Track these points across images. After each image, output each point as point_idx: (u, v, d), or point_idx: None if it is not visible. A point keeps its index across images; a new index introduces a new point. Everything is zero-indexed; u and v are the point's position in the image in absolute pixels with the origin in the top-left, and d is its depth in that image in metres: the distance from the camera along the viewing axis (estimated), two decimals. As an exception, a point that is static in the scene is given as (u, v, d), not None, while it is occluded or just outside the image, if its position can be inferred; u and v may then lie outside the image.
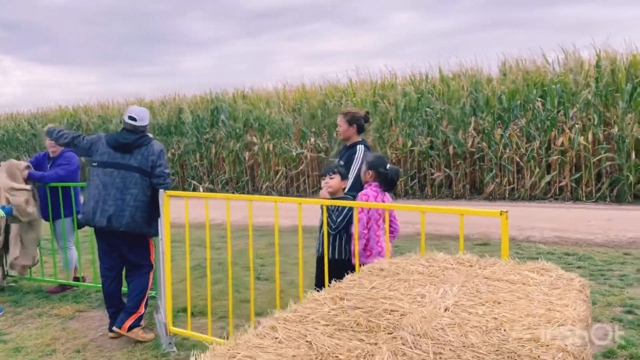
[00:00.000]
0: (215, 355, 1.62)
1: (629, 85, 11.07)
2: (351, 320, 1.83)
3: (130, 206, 4.15)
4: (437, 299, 1.97)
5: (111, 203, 4.17)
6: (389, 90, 14.18)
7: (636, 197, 11.04)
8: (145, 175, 4.22)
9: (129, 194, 4.17)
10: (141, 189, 4.19)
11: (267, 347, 1.65)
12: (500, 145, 12.09)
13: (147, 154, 4.24)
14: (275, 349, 1.64)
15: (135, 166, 4.20)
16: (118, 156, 4.24)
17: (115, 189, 4.18)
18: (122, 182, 4.18)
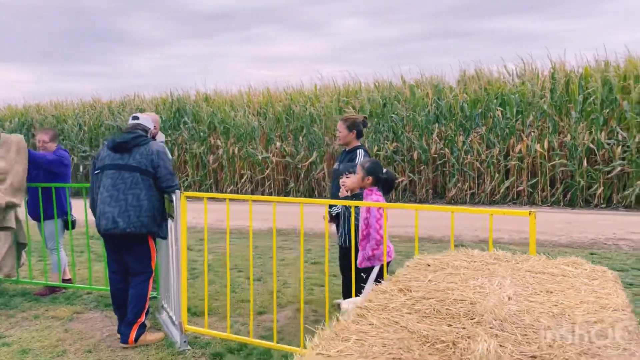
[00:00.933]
0: (325, 338, 1.78)
1: (581, 96, 11.84)
2: (430, 309, 2.03)
3: (133, 206, 4.11)
4: (497, 290, 2.20)
5: (114, 204, 4.12)
6: (353, 96, 14.50)
7: (587, 202, 11.81)
8: (146, 175, 4.15)
9: (131, 194, 4.11)
10: (143, 188, 4.13)
11: (370, 331, 1.83)
12: (462, 152, 12.63)
13: (145, 153, 4.18)
14: (377, 333, 1.81)
15: (134, 166, 4.15)
16: (117, 157, 4.20)
17: (116, 191, 4.13)
18: (123, 183, 4.13)
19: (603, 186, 11.58)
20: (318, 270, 6.54)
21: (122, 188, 4.13)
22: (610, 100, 11.64)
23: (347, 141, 4.87)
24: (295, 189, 14.37)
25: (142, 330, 4.24)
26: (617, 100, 11.52)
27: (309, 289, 5.77)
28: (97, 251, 7.74)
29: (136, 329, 4.21)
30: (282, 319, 4.87)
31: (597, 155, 11.64)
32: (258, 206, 7.60)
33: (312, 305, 5.17)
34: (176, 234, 4.18)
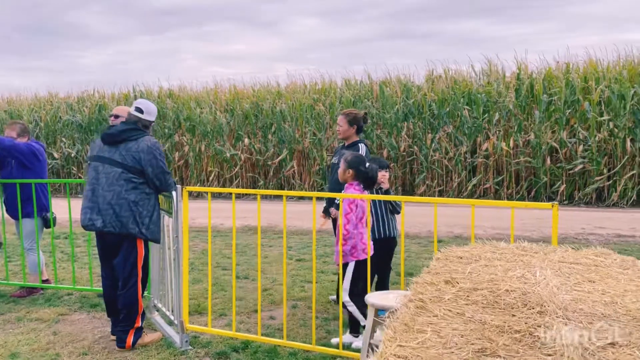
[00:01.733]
0: (397, 330, 1.75)
1: (545, 96, 12.24)
2: (486, 300, 2.03)
3: (112, 204, 3.86)
4: (542, 280, 2.23)
5: (94, 200, 3.91)
6: (323, 93, 14.52)
7: (550, 198, 12.21)
8: (130, 172, 3.89)
9: (111, 191, 3.88)
10: (125, 187, 3.87)
11: (439, 323, 1.81)
12: (430, 150, 12.83)
13: (134, 149, 3.91)
14: (447, 324, 1.80)
15: (117, 161, 3.90)
16: (105, 149, 3.98)
17: (98, 186, 3.92)
18: (105, 178, 3.91)
19: (565, 183, 12.01)
20: (304, 267, 6.50)
21: (102, 183, 3.92)
22: (572, 101, 12.08)
23: (347, 135, 4.87)
24: (265, 187, 14.24)
25: (139, 334, 4.07)
26: (579, 101, 11.97)
27: (300, 286, 5.72)
28: (67, 250, 7.44)
29: (133, 333, 4.03)
30: (280, 316, 4.80)
31: (559, 153, 12.06)
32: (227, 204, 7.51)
33: (307, 302, 5.13)
34: (177, 231, 4.05)
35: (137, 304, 4.04)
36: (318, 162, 13.72)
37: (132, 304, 4.01)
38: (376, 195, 4.43)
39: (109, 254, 4.04)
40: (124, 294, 4.01)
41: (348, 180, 4.19)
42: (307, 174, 13.97)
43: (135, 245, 3.99)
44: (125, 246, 3.97)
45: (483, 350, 1.57)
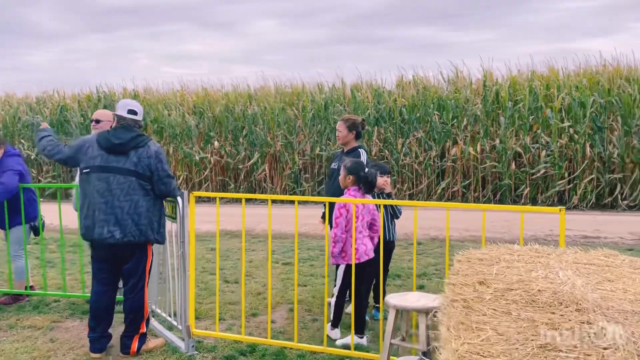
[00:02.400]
0: (456, 329, 1.87)
1: (510, 103, 12.71)
2: (523, 299, 2.18)
3: (130, 214, 3.85)
4: (567, 280, 2.40)
5: (110, 212, 3.83)
6: (295, 97, 14.60)
7: (514, 201, 12.68)
8: (143, 180, 3.89)
9: (128, 201, 3.85)
10: (141, 194, 3.88)
11: (491, 321, 1.94)
12: (401, 154, 13.11)
13: (144, 156, 3.90)
14: (499, 322, 1.93)
15: (131, 170, 3.87)
16: (112, 159, 3.88)
17: (112, 197, 3.84)
18: (119, 188, 3.85)
19: (529, 187, 12.49)
20: (293, 271, 6.55)
21: (117, 194, 3.84)
22: (536, 107, 12.59)
23: (346, 141, 4.99)
24: (235, 191, 14.20)
25: (143, 340, 4.07)
26: (542, 108, 12.49)
27: (292, 289, 5.78)
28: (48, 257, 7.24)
29: (137, 339, 4.03)
30: (279, 319, 4.87)
31: (523, 158, 12.54)
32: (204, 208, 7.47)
33: (303, 305, 5.21)
34: (183, 237, 4.06)
35: (143, 308, 4.03)
36: (290, 166, 13.78)
37: (138, 309, 4.01)
38: (379, 200, 4.57)
39: (113, 260, 3.99)
40: (131, 298, 4.01)
41: (349, 186, 4.32)
42: (279, 178, 14.01)
43: (147, 251, 4.01)
44: (138, 253, 3.97)
45: (545, 345, 1.70)
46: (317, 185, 13.74)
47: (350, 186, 4.30)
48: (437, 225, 9.19)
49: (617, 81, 12.66)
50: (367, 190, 4.35)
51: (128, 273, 4.00)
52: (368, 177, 4.32)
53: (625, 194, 11.92)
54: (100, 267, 4.05)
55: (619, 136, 11.94)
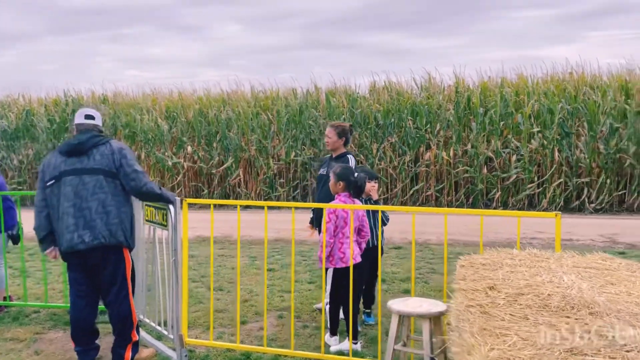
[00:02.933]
0: (479, 335, 1.90)
1: (482, 109, 12.99)
2: (535, 304, 2.23)
3: (99, 213, 3.66)
4: (573, 284, 2.47)
5: (78, 215, 3.65)
6: (269, 102, 14.56)
7: (486, 205, 12.94)
8: (110, 177, 3.72)
9: (95, 200, 3.67)
10: (108, 192, 3.70)
11: (512, 327, 1.98)
12: (375, 159, 13.22)
13: (106, 153, 3.74)
14: (519, 327, 1.97)
15: (96, 167, 3.71)
16: (75, 161, 3.73)
17: (79, 198, 3.67)
18: (85, 189, 3.68)
19: (500, 191, 12.77)
20: (277, 277, 6.54)
21: (84, 195, 3.68)
22: (506, 113, 12.89)
23: (335, 147, 5.01)
24: (210, 196, 14.05)
25: (136, 349, 3.97)
26: (513, 114, 12.80)
27: (279, 296, 5.77)
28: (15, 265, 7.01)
29: (130, 348, 3.91)
30: (269, 326, 4.83)
31: (494, 162, 12.81)
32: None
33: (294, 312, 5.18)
34: (175, 244, 3.99)
35: (131, 316, 3.91)
36: (264, 171, 13.72)
37: (126, 317, 3.88)
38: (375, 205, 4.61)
39: (89, 268, 3.81)
40: (117, 308, 3.87)
41: (339, 192, 4.34)
42: (254, 182, 13.94)
43: (123, 256, 3.83)
44: (114, 258, 3.79)
45: (571, 349, 1.75)
46: (292, 190, 13.73)
47: (341, 192, 4.32)
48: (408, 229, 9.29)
49: (583, 88, 13.09)
50: (356, 195, 4.39)
51: (107, 282, 3.82)
52: (357, 182, 4.35)
53: (592, 197, 12.31)
54: (75, 278, 3.87)
55: (586, 141, 12.33)
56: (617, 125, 12.26)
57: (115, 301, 3.85)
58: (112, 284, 3.82)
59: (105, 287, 3.85)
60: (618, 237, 9.09)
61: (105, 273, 3.80)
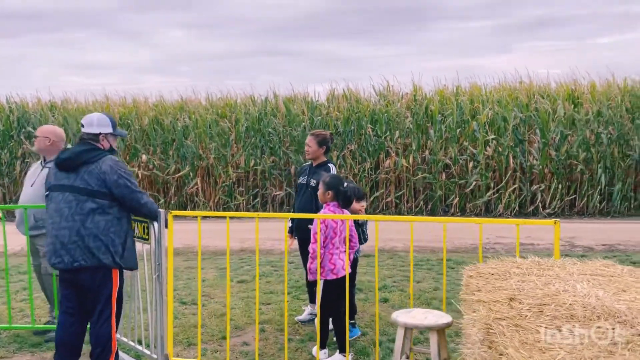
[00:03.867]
0: (523, 348, 1.87)
1: (440, 116, 13.24)
2: (562, 314, 2.22)
3: (80, 235, 3.50)
4: (588, 291, 2.48)
5: (57, 234, 3.53)
6: (228, 109, 14.33)
7: (445, 211, 13.18)
8: (97, 197, 3.55)
9: (77, 221, 3.51)
10: (92, 213, 3.53)
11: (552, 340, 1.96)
12: (336, 166, 13.19)
13: (96, 172, 3.57)
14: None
15: (80, 187, 3.55)
16: (63, 176, 3.61)
17: (60, 218, 3.53)
18: (67, 207, 3.53)
19: (458, 197, 13.04)
20: (251, 289, 6.37)
21: (65, 213, 3.53)
22: (463, 121, 13.20)
23: (316, 156, 4.94)
24: (166, 205, 13.63)
25: None
26: (469, 122, 13.12)
27: (263, 312, 5.60)
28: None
29: None
30: (252, 341, 4.68)
31: (452, 169, 13.08)
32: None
33: (274, 325, 5.05)
34: (159, 259, 3.80)
35: (110, 341, 3.67)
36: (223, 179, 13.46)
37: (106, 342, 3.64)
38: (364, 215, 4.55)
39: (78, 289, 3.63)
40: (96, 330, 3.64)
41: (328, 201, 4.27)
42: (212, 191, 13.64)
43: (111, 277, 3.63)
44: (99, 278, 3.60)
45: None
46: (252, 198, 13.53)
47: (330, 201, 4.26)
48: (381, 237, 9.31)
49: (534, 97, 13.59)
50: (344, 205, 4.33)
51: (91, 300, 3.63)
52: (347, 192, 4.30)
53: (545, 202, 12.75)
54: (65, 295, 3.70)
55: (538, 148, 12.78)
56: (567, 133, 12.79)
57: (96, 322, 3.64)
58: (95, 303, 3.62)
59: (89, 307, 3.65)
60: (575, 240, 9.43)
61: (90, 292, 3.62)
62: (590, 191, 12.73)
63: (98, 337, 3.65)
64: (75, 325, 3.69)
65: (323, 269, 4.12)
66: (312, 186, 4.84)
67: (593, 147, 12.63)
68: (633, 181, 12.73)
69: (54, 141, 4.87)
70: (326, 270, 4.12)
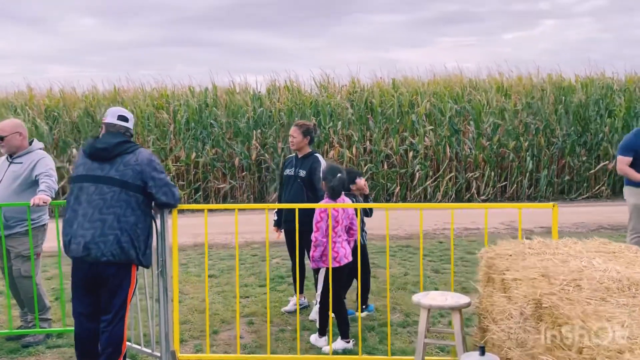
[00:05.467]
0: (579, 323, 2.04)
1: (380, 108, 13.59)
2: (598, 287, 2.43)
3: (113, 229, 3.40)
4: (606, 267, 2.72)
5: (88, 226, 3.39)
6: (164, 100, 13.89)
7: (387, 200, 13.59)
8: (130, 190, 3.47)
9: (111, 214, 3.41)
10: (125, 207, 3.44)
11: (604, 311, 2.15)
12: (281, 158, 13.22)
13: (132, 163, 3.50)
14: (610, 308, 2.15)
15: (117, 178, 3.46)
16: (96, 166, 3.51)
17: (92, 208, 3.41)
18: (101, 199, 3.42)
19: (400, 185, 13.48)
20: (223, 283, 6.29)
21: (99, 205, 3.41)
22: (403, 112, 13.64)
23: (300, 147, 4.96)
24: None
25: None
26: (408, 113, 13.57)
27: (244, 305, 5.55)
28: None
29: None
30: (244, 334, 4.66)
31: (393, 159, 13.49)
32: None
33: (260, 317, 5.04)
34: (164, 254, 3.70)
35: (122, 340, 3.57)
36: (164, 173, 13.06)
37: (118, 342, 3.53)
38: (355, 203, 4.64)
39: (93, 281, 3.50)
40: (110, 329, 3.51)
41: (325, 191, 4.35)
42: (152, 186, 13.20)
43: (130, 274, 3.54)
44: (121, 275, 3.49)
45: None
46: (194, 192, 13.23)
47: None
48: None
49: (467, 89, 14.28)
50: (332, 197, 4.39)
51: (107, 298, 3.50)
52: (333, 185, 4.35)
53: (480, 189, 13.48)
54: (79, 287, 3.55)
55: (473, 138, 13.47)
56: (499, 123, 13.56)
57: (111, 321, 3.50)
58: (112, 302, 3.50)
59: (105, 305, 3.51)
60: (515, 224, 10.06)
61: (108, 289, 3.49)
62: (519, 178, 13.60)
63: (111, 337, 3.52)
64: (92, 322, 3.56)
65: (325, 256, 4.18)
66: (302, 177, 4.87)
67: (522, 136, 13.49)
68: (557, 168, 13.74)
69: (24, 135, 4.58)
70: (326, 259, 4.18)
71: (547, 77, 14.47)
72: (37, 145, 4.69)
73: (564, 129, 13.58)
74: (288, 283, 6.11)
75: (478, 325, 3.30)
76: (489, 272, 3.04)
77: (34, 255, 4.41)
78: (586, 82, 14.56)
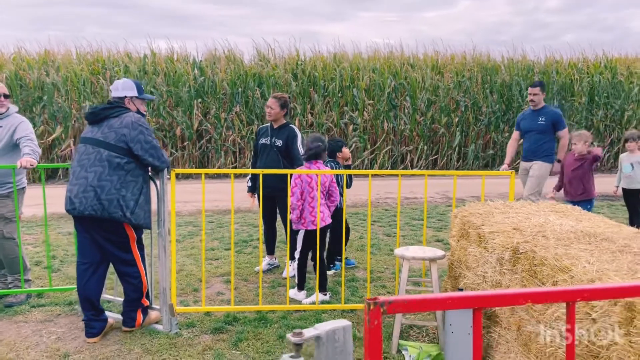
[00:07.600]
0: (564, 259, 2.57)
1: (323, 82, 13.96)
2: (560, 235, 2.99)
3: (93, 186, 3.61)
4: (562, 222, 3.30)
5: (75, 182, 3.70)
6: (100, 65, 13.48)
7: (327, 171, 14.07)
8: (112, 151, 3.66)
9: (92, 172, 3.64)
10: (108, 166, 3.64)
11: (582, 255, 2.70)
12: (223, 128, 13.31)
13: (115, 127, 3.69)
14: (587, 252, 2.70)
15: (100, 140, 3.68)
16: (88, 130, 3.83)
17: (79, 167, 3.72)
18: (87, 159, 3.70)
19: (339, 158, 13.99)
20: (189, 247, 6.51)
21: (85, 164, 3.70)
22: (345, 87, 14.08)
23: (277, 118, 5.25)
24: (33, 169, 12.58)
25: (146, 313, 4.03)
26: (350, 87, 14.04)
27: (208, 264, 5.82)
28: None
29: (141, 312, 3.99)
30: (225, 291, 4.96)
31: (334, 132, 13.96)
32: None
33: (237, 277, 5.34)
34: (163, 214, 3.92)
35: (141, 283, 3.95)
36: (102, 141, 12.78)
37: (136, 286, 3.93)
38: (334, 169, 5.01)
39: (94, 235, 3.77)
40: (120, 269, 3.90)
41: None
42: (91, 154, 12.89)
43: (123, 229, 3.79)
44: (108, 228, 3.74)
45: None
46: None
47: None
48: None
49: (405, 66, 14.94)
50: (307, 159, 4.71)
51: (110, 252, 3.83)
52: (312, 151, 4.70)
53: (413, 162, 14.29)
54: (80, 241, 3.87)
55: (409, 113, 14.19)
56: (432, 99, 14.36)
57: (122, 270, 3.89)
58: (116, 253, 3.84)
59: (110, 257, 3.87)
60: (449, 193, 10.88)
61: (108, 247, 3.81)
62: (449, 151, 14.53)
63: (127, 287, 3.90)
64: (94, 275, 3.82)
65: (305, 219, 4.55)
66: (278, 146, 5.17)
67: (453, 113, 14.38)
68: (483, 142, 14.80)
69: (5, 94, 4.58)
70: (307, 221, 4.55)
71: (475, 58, 15.42)
72: (14, 109, 4.67)
73: (490, 106, 14.61)
74: (253, 246, 6.44)
75: (449, 274, 3.83)
76: (464, 228, 3.55)
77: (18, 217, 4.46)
78: (509, 64, 15.68)
